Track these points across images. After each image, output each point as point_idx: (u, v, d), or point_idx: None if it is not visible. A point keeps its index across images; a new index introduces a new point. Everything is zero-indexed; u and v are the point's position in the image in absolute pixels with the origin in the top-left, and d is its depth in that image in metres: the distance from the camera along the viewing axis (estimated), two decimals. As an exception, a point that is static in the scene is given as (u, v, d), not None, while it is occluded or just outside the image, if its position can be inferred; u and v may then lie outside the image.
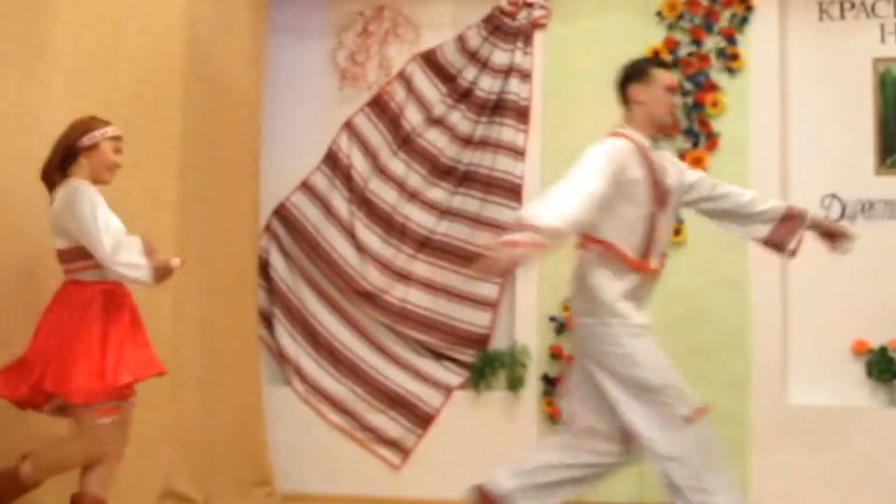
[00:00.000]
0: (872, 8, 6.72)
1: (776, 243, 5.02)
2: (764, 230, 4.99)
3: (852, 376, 6.54)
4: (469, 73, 6.87)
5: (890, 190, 6.59)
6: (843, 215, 6.61)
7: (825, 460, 6.31)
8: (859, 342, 6.50)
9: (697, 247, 6.55)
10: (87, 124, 4.47)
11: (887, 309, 6.48)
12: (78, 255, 4.33)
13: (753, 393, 6.45)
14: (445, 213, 6.80)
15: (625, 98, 4.87)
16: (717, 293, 6.54)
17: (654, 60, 5.24)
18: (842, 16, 6.77)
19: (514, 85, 6.79)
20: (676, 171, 4.86)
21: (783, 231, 4.95)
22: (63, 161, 4.43)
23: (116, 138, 4.52)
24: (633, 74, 4.87)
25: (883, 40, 6.70)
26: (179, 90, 5.78)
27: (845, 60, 6.71)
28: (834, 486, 6.27)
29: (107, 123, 4.52)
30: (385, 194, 6.89)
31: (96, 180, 4.44)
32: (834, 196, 6.61)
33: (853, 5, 6.74)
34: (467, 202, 6.80)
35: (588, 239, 4.70)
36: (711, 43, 6.72)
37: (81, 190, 4.31)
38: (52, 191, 4.42)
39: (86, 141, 4.42)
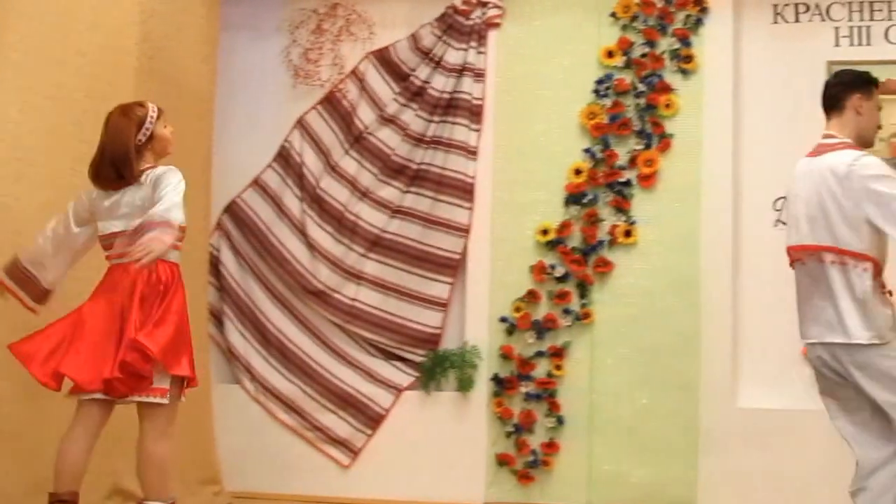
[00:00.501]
0: (827, 11, 6.72)
1: None
2: None
3: (802, 380, 6.52)
4: (422, 72, 6.85)
5: (842, 193, 6.57)
6: (794, 218, 6.59)
7: (774, 463, 6.31)
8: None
9: (650, 248, 6.55)
10: (137, 118, 4.54)
11: (838, 312, 6.47)
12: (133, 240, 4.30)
13: (703, 395, 6.44)
14: (397, 211, 6.77)
15: (842, 104, 4.69)
16: (668, 295, 6.53)
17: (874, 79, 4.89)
18: (796, 19, 6.77)
19: (468, 84, 6.77)
20: None
21: None
22: (136, 157, 4.50)
23: (161, 113, 4.63)
24: (860, 84, 4.71)
25: (837, 43, 6.70)
26: (132, 86, 5.71)
27: (799, 63, 6.69)
28: (782, 490, 6.27)
29: (146, 106, 4.59)
30: (337, 193, 6.86)
31: (161, 156, 4.62)
32: (785, 198, 6.58)
33: (807, 8, 6.74)
34: (419, 201, 6.77)
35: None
36: (665, 44, 6.70)
37: (174, 169, 4.46)
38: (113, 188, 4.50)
39: (142, 137, 4.53)
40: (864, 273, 4.44)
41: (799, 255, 4.67)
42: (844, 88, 4.73)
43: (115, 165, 4.48)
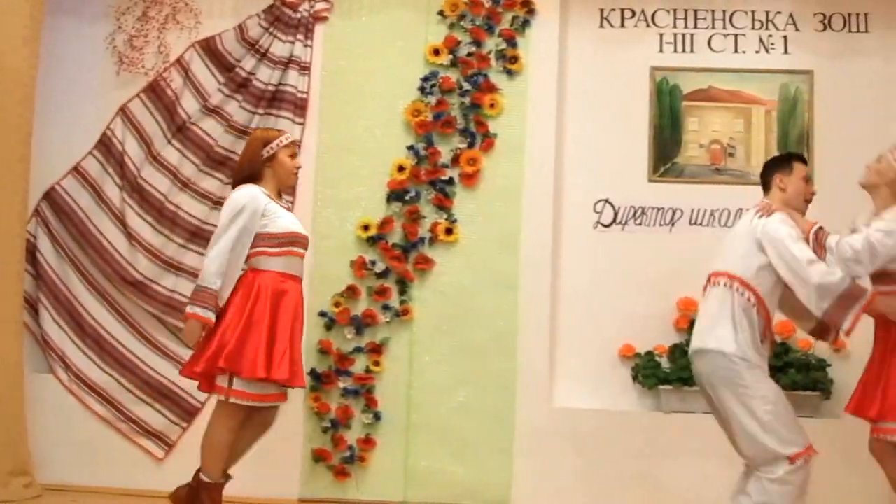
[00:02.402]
0: (652, 17, 6.82)
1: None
2: None
3: (619, 380, 6.63)
4: (248, 64, 6.78)
5: (662, 197, 6.70)
6: (615, 221, 6.69)
7: (589, 463, 6.39)
8: (627, 347, 6.59)
9: (470, 247, 6.58)
10: (265, 137, 5.22)
11: (655, 315, 6.58)
12: None
13: (520, 394, 6.50)
14: (218, 203, 6.68)
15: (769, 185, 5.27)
16: (488, 294, 6.57)
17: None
18: (622, 24, 6.86)
19: (293, 77, 6.73)
20: None
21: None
22: (251, 174, 5.16)
23: (291, 144, 5.28)
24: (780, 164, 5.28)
25: (661, 49, 6.83)
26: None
27: (624, 68, 6.81)
28: (596, 489, 6.36)
29: (281, 133, 5.29)
30: (158, 182, 6.76)
31: (282, 184, 5.29)
32: (607, 201, 6.69)
33: (633, 14, 6.83)
34: (241, 193, 6.71)
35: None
36: (492, 44, 6.74)
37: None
38: None
39: (264, 153, 5.16)
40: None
41: None
42: (767, 171, 5.27)
43: (236, 171, 5.42)
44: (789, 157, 5.31)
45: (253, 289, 5.08)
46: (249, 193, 5.13)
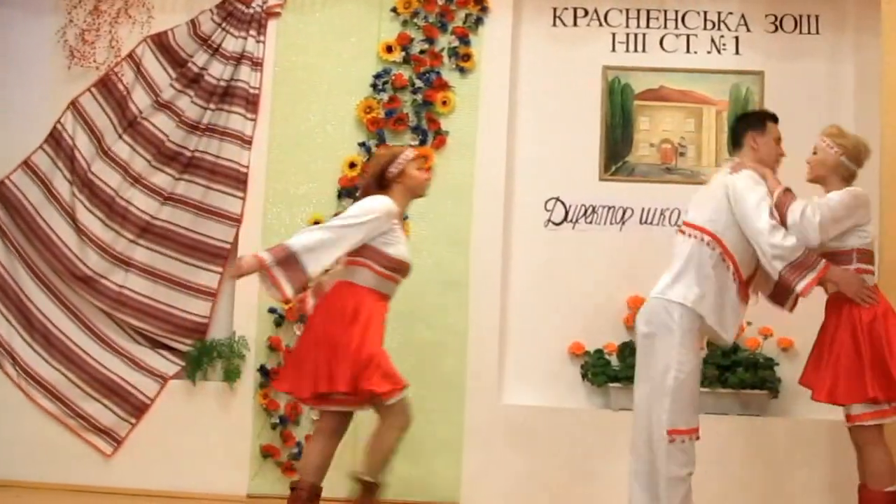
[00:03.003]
0: (605, 17, 6.84)
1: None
2: None
3: (568, 378, 6.64)
4: (200, 59, 6.77)
5: (612, 196, 6.72)
6: (565, 219, 6.71)
7: (538, 460, 6.40)
8: (576, 345, 6.60)
9: (421, 245, 6.55)
10: (390, 155, 5.37)
11: (604, 313, 6.60)
12: None
13: (469, 391, 6.51)
14: (169, 198, 6.68)
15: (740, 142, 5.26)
16: (438, 291, 6.56)
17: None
18: (574, 23, 6.88)
19: (245, 73, 6.72)
20: None
21: None
22: (379, 188, 5.27)
23: (418, 158, 5.41)
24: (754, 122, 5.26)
25: (613, 49, 6.85)
26: None
27: (576, 67, 6.83)
28: (545, 486, 6.37)
29: (404, 148, 5.46)
30: (108, 177, 6.72)
31: (415, 195, 5.43)
32: (557, 200, 6.70)
33: (586, 13, 6.86)
34: (191, 189, 6.69)
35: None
36: (445, 41, 6.75)
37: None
38: None
39: (393, 170, 5.28)
40: None
41: None
42: (739, 127, 5.26)
43: (365, 183, 5.50)
44: (764, 115, 5.30)
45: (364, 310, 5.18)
46: (387, 207, 5.18)
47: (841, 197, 4.95)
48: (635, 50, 6.83)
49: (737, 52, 6.80)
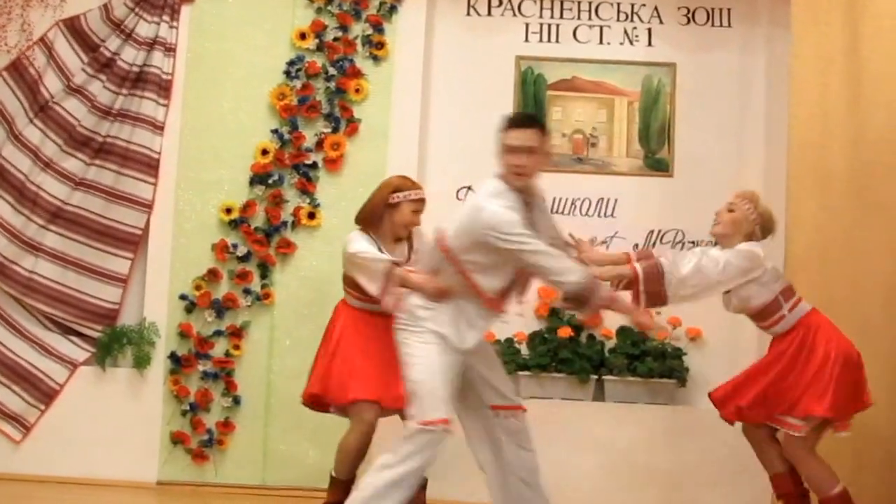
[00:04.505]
0: (518, 7, 6.88)
1: None
2: None
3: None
4: (112, 44, 6.72)
5: (523, 185, 6.72)
6: (478, 208, 6.71)
7: (446, 447, 6.32)
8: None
9: (333, 232, 6.56)
10: (396, 184, 5.44)
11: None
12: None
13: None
14: (80, 184, 6.64)
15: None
16: (350, 279, 6.55)
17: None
18: (489, 12, 6.92)
19: (158, 58, 6.69)
20: None
21: None
22: (371, 214, 5.42)
23: (419, 201, 5.44)
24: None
25: (527, 39, 6.90)
26: None
27: (489, 56, 6.88)
28: (452, 473, 6.29)
29: (415, 186, 5.49)
30: (19, 162, 6.66)
31: (395, 233, 5.42)
32: (469, 188, 6.71)
33: (500, 2, 6.91)
34: (102, 174, 6.65)
35: None
36: (358, 29, 6.75)
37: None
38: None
39: (396, 197, 5.37)
40: None
41: None
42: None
43: (365, 207, 5.59)
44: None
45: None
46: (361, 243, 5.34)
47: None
48: (549, 40, 6.87)
49: (649, 44, 6.86)
